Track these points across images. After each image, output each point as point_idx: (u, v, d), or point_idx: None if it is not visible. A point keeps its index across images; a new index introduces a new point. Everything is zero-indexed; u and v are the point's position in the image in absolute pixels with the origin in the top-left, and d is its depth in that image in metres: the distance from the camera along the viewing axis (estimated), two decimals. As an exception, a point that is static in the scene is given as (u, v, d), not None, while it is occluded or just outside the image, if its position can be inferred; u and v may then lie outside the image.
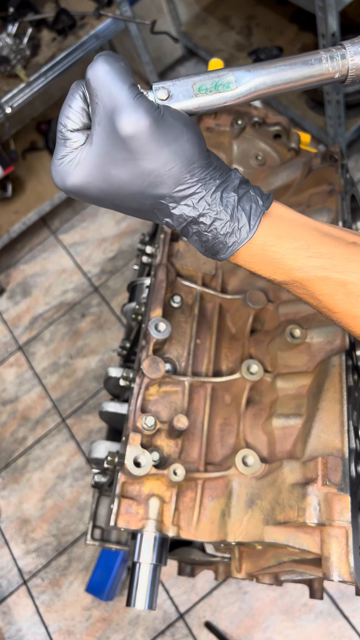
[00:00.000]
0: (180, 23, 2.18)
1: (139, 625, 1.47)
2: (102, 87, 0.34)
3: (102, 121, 0.34)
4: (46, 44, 1.69)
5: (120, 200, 0.37)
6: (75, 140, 0.36)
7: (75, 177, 0.36)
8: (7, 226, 2.02)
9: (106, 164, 0.35)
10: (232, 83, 0.34)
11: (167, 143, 0.34)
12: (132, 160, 0.34)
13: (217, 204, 0.35)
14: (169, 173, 0.34)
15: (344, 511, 0.51)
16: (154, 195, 0.36)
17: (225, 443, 0.66)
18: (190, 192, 0.35)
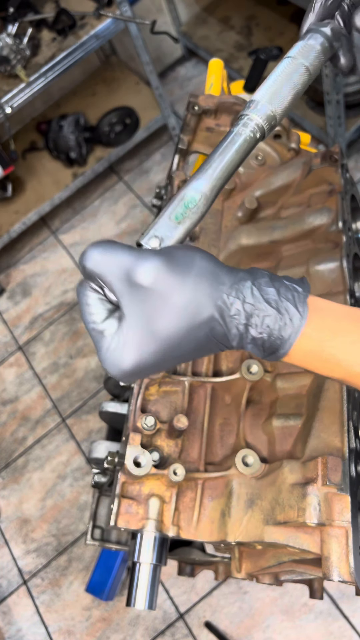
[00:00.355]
0: (180, 23, 2.18)
1: (139, 625, 1.47)
2: (107, 265, 0.35)
3: (123, 291, 0.34)
4: (46, 44, 1.69)
5: (178, 349, 0.35)
6: (110, 327, 0.36)
7: (129, 357, 0.35)
8: (7, 226, 2.02)
9: (148, 325, 0.34)
10: (195, 196, 0.36)
11: (186, 270, 0.35)
12: (166, 303, 0.34)
13: (260, 302, 0.35)
14: (203, 293, 0.34)
15: (344, 511, 0.51)
16: (201, 322, 0.35)
17: (225, 443, 0.66)
18: (230, 302, 0.35)
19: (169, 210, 0.37)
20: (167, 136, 2.21)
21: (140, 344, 0.35)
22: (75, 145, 2.03)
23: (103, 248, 0.35)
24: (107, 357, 0.36)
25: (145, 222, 2.07)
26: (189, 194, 0.36)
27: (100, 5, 1.64)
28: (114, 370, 0.36)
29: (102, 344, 0.36)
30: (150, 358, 0.35)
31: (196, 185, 0.36)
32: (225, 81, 1.01)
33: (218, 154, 0.36)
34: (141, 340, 0.35)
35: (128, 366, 0.35)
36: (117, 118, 2.10)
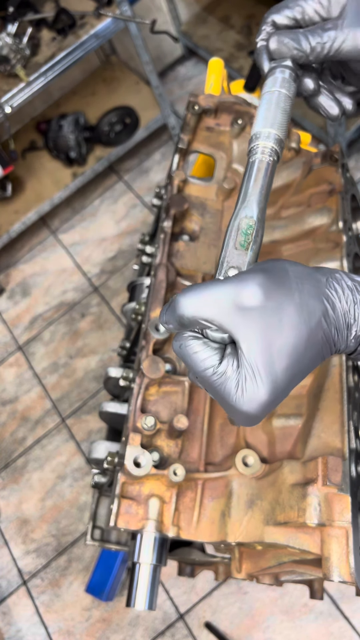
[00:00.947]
0: (180, 22, 2.18)
1: (138, 625, 1.47)
2: (208, 306, 0.34)
3: (235, 321, 0.33)
4: (46, 43, 1.69)
5: (303, 360, 0.34)
6: (230, 366, 0.34)
7: (264, 385, 0.33)
8: (6, 226, 2.02)
9: (271, 344, 0.33)
10: (250, 223, 0.39)
11: (285, 278, 0.34)
12: (281, 316, 0.33)
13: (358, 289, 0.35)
14: (309, 294, 0.34)
15: (344, 511, 0.51)
16: (317, 323, 0.34)
17: (225, 443, 0.65)
18: (333, 295, 0.35)
19: (231, 242, 0.38)
20: (167, 136, 2.20)
21: (271, 365, 0.33)
22: (75, 145, 2.02)
23: (194, 292, 0.34)
24: (242, 396, 0.34)
25: (145, 222, 2.07)
26: (244, 222, 0.38)
27: (100, 5, 1.64)
28: (254, 406, 0.34)
29: (228, 385, 0.34)
30: (283, 378, 0.34)
31: (247, 213, 0.39)
32: (225, 81, 1.01)
33: (253, 182, 0.40)
34: (270, 361, 0.33)
35: (266, 395, 0.34)
36: (117, 117, 2.10)
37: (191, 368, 0.36)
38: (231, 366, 0.34)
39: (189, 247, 0.73)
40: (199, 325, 0.35)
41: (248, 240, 0.38)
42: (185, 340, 0.35)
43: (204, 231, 0.76)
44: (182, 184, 0.77)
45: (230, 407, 0.35)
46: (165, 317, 0.36)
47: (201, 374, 0.35)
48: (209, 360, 0.35)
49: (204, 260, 0.73)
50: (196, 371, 0.35)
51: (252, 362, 0.33)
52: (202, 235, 0.76)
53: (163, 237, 0.71)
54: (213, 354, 0.35)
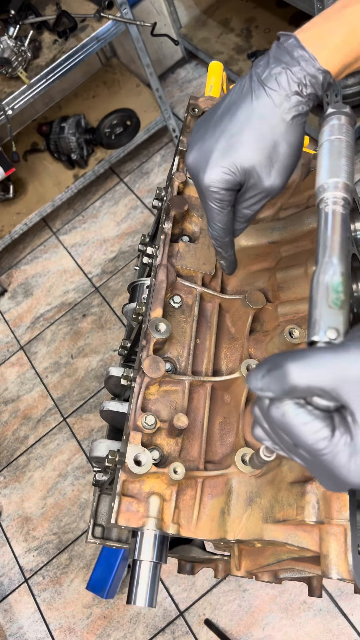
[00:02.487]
0: (180, 25, 2.19)
1: (139, 622, 1.48)
2: (319, 375, 0.32)
3: (349, 390, 0.31)
4: (47, 46, 1.70)
5: None
6: (343, 436, 0.33)
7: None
8: (8, 227, 2.03)
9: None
10: (339, 279, 0.37)
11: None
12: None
13: None
14: None
15: (342, 509, 0.52)
16: None
17: (225, 442, 0.66)
18: None
19: (324, 301, 0.37)
20: (168, 138, 2.22)
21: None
22: (76, 147, 2.03)
23: (308, 360, 0.33)
24: (354, 469, 0.32)
25: (146, 223, 2.08)
26: (334, 280, 0.37)
27: (101, 8, 1.65)
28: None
29: (340, 459, 0.32)
30: None
31: (335, 270, 0.38)
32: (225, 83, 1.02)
33: (332, 234, 0.39)
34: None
35: None
36: (117, 120, 2.11)
37: (296, 438, 0.34)
38: (344, 438, 0.33)
39: (189, 248, 0.74)
40: (311, 394, 0.33)
41: (340, 299, 0.37)
42: (289, 408, 0.33)
43: (204, 232, 0.77)
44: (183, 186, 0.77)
45: (334, 478, 0.34)
46: (263, 382, 0.34)
47: (311, 447, 0.33)
48: (321, 432, 0.33)
49: (203, 261, 0.74)
50: (303, 442, 0.33)
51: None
52: (202, 236, 0.77)
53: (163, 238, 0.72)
54: (325, 426, 0.33)
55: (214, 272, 0.74)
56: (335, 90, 1.53)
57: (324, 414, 0.33)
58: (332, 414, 0.33)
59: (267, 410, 0.35)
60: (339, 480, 0.34)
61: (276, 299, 0.71)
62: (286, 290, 0.70)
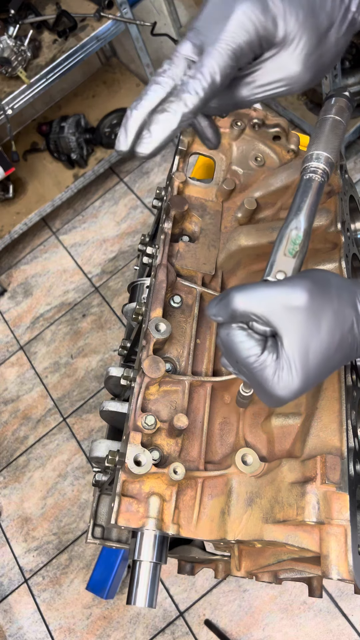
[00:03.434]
0: (180, 25, 2.18)
1: (139, 623, 1.48)
2: (259, 302, 0.38)
3: (281, 317, 0.38)
4: (47, 45, 1.70)
5: (333, 359, 0.39)
6: (270, 356, 0.39)
7: (297, 375, 0.38)
8: (8, 227, 2.03)
9: (308, 342, 0.38)
10: (299, 234, 0.43)
11: (328, 287, 0.39)
12: (321, 318, 0.38)
13: None
14: (346, 303, 0.39)
15: (342, 510, 0.52)
16: (349, 328, 0.39)
17: (224, 442, 0.66)
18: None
19: (281, 249, 0.43)
20: (168, 137, 2.21)
21: (306, 360, 0.38)
22: (76, 147, 2.03)
23: (248, 290, 0.39)
24: (277, 383, 0.38)
25: (146, 223, 2.08)
26: (294, 233, 0.43)
27: (101, 7, 1.65)
28: (286, 392, 0.39)
29: (267, 373, 0.39)
30: (314, 372, 0.39)
31: (297, 225, 0.44)
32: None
33: (305, 198, 0.44)
34: (305, 357, 0.38)
35: (298, 385, 0.38)
36: (117, 119, 2.11)
37: (235, 355, 0.40)
38: (271, 356, 0.39)
39: (189, 248, 0.74)
40: (248, 319, 0.40)
41: (296, 249, 0.43)
42: (232, 330, 0.40)
43: (204, 232, 0.77)
44: (182, 186, 0.77)
45: (264, 391, 0.40)
46: (216, 309, 0.41)
47: (244, 360, 0.40)
48: (253, 349, 0.39)
49: (203, 260, 0.74)
50: (239, 357, 0.40)
51: (290, 355, 0.38)
52: (202, 236, 0.77)
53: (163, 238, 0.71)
54: (256, 344, 0.40)
55: (214, 272, 0.74)
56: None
57: (259, 337, 0.40)
58: (267, 338, 0.40)
59: (218, 332, 0.42)
60: (269, 393, 0.40)
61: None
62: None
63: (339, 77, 1.52)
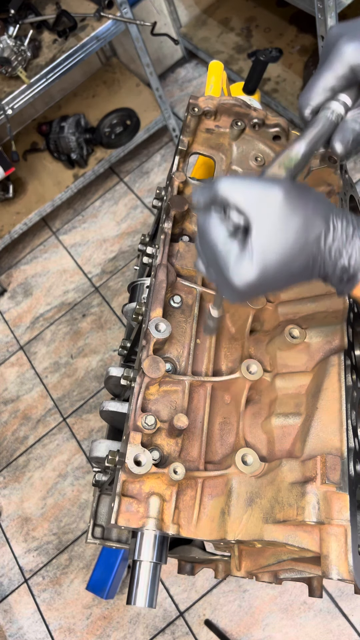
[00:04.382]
0: (180, 25, 2.18)
1: (139, 623, 1.48)
2: (239, 189, 0.41)
3: (253, 207, 0.40)
4: (47, 45, 1.70)
5: (292, 265, 0.41)
6: (236, 243, 0.42)
7: (255, 267, 0.41)
8: (8, 227, 2.03)
9: (274, 237, 0.40)
10: (298, 153, 0.47)
11: (308, 194, 0.42)
12: (291, 218, 0.40)
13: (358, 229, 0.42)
14: (320, 213, 0.41)
15: (342, 510, 0.52)
16: (314, 238, 0.41)
17: (225, 442, 0.66)
18: (336, 223, 0.42)
19: (278, 160, 0.47)
20: (168, 137, 2.21)
21: (266, 253, 0.40)
22: (76, 146, 2.03)
23: (232, 180, 0.42)
24: (237, 272, 0.41)
25: (146, 223, 2.08)
26: (294, 152, 0.47)
27: (101, 7, 1.65)
28: (242, 283, 0.41)
29: (230, 260, 0.41)
30: (272, 270, 0.41)
31: (300, 149, 0.47)
32: (225, 83, 1.02)
33: (314, 129, 0.47)
34: (267, 250, 0.40)
35: (254, 276, 0.41)
36: (117, 119, 2.11)
37: (206, 238, 0.43)
38: (238, 244, 0.42)
39: (189, 248, 0.74)
40: (226, 204, 0.42)
41: (290, 165, 0.46)
42: (210, 215, 0.43)
43: (204, 232, 0.77)
44: (182, 185, 0.77)
45: (224, 280, 0.42)
46: (200, 192, 0.43)
47: (213, 243, 0.42)
48: (223, 233, 0.42)
49: (204, 261, 0.74)
50: (209, 240, 0.43)
51: (253, 246, 0.40)
52: (202, 236, 0.77)
53: (163, 238, 0.72)
54: (227, 231, 0.42)
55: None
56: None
57: (232, 226, 0.42)
58: (240, 229, 0.42)
59: (197, 220, 0.45)
60: (228, 282, 0.42)
61: (276, 299, 0.71)
62: (286, 290, 0.70)
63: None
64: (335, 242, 0.41)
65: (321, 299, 0.67)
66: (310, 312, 0.67)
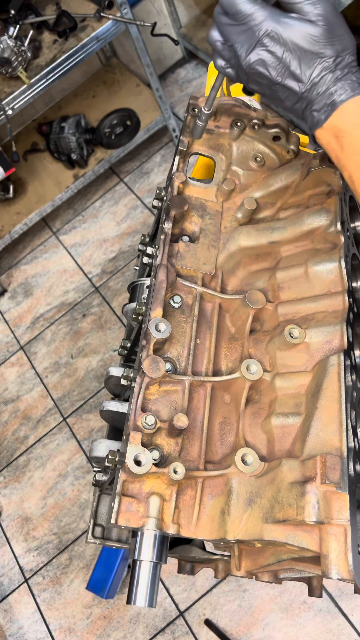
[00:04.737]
0: (180, 25, 2.18)
1: (139, 622, 1.48)
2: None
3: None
4: (47, 45, 1.70)
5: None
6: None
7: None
8: (8, 227, 2.03)
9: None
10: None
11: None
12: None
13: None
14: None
15: (342, 509, 0.52)
16: None
17: (224, 442, 0.66)
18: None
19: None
20: (168, 138, 2.21)
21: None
22: (76, 147, 2.03)
23: None
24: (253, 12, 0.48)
25: (146, 223, 2.08)
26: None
27: (101, 8, 1.65)
28: (257, 23, 0.48)
29: (259, 20, 0.48)
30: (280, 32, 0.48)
31: None
32: (226, 83, 1.02)
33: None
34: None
35: (270, 27, 0.48)
36: (117, 120, 2.11)
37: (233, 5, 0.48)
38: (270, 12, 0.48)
39: (188, 248, 0.74)
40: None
41: None
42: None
43: (204, 232, 0.77)
44: (182, 186, 0.77)
45: (240, 29, 0.48)
46: None
47: (238, 9, 0.48)
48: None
49: (203, 261, 0.74)
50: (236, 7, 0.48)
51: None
52: (201, 236, 0.77)
53: (163, 238, 0.72)
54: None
55: (214, 272, 0.74)
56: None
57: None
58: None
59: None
60: (239, 51, 0.48)
61: (276, 299, 0.71)
62: (286, 290, 0.70)
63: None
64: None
65: (321, 299, 0.67)
66: (310, 312, 0.67)
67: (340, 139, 0.49)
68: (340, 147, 0.50)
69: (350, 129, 0.48)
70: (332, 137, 0.50)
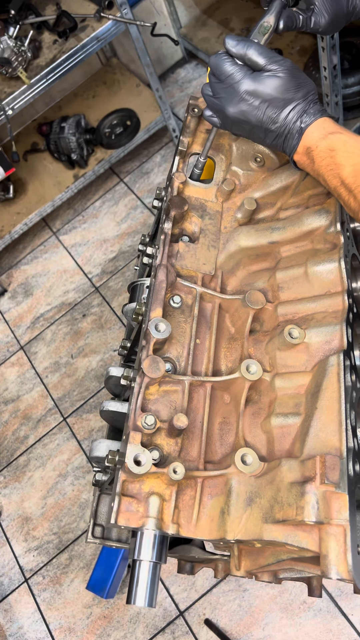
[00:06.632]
0: (180, 25, 2.19)
1: (139, 622, 1.48)
2: (251, 50, 0.62)
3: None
4: (47, 46, 1.70)
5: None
6: (242, 69, 0.64)
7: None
8: (8, 227, 2.03)
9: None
10: (268, 25, 0.66)
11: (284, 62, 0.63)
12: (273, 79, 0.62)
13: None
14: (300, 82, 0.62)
15: (342, 509, 0.52)
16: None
17: (224, 442, 0.66)
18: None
19: (258, 26, 0.65)
20: (168, 138, 2.22)
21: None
22: (76, 147, 2.03)
23: (242, 40, 0.62)
24: (240, 105, 0.61)
25: (146, 223, 2.08)
26: (266, 23, 0.65)
27: (101, 8, 1.65)
28: (243, 88, 0.61)
29: (238, 73, 0.61)
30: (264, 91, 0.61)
31: (269, 19, 0.65)
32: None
33: (273, 7, 0.65)
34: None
35: (252, 87, 0.61)
36: (117, 120, 2.11)
37: (220, 70, 0.61)
38: (247, 71, 0.61)
39: (188, 248, 0.74)
40: (241, 57, 0.62)
41: (265, 32, 0.65)
42: (223, 54, 0.62)
43: (204, 232, 0.77)
44: (182, 186, 0.77)
45: (227, 87, 0.62)
46: (230, 41, 0.61)
47: (225, 72, 0.61)
48: (234, 65, 0.62)
49: (203, 261, 0.74)
50: (223, 71, 0.61)
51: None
52: (201, 236, 0.77)
53: (163, 238, 0.72)
54: (237, 65, 0.62)
55: (214, 272, 0.74)
56: (335, 91, 1.53)
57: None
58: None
59: (213, 59, 0.63)
60: (233, 91, 0.61)
61: (276, 299, 0.71)
62: (286, 290, 0.71)
63: (338, 78, 1.52)
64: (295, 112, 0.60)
65: (321, 299, 0.67)
66: (310, 313, 0.67)
67: (311, 154, 0.60)
68: (312, 161, 0.61)
69: (317, 142, 0.60)
70: (306, 157, 0.61)
